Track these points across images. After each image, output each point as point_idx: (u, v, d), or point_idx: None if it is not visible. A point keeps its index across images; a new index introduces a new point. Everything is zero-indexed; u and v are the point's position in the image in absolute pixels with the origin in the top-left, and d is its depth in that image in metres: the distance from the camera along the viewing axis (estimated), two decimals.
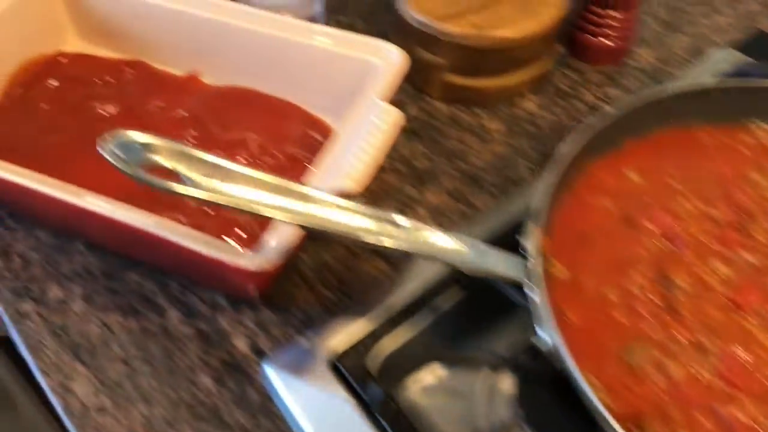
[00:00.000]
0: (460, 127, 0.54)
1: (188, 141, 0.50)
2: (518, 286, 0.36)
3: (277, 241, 0.38)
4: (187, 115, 0.52)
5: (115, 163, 0.30)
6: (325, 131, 0.51)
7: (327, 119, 0.52)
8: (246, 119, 0.52)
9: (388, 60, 0.48)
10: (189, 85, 0.54)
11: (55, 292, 0.44)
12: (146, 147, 0.30)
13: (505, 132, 0.54)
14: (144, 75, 0.55)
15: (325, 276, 0.45)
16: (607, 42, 0.57)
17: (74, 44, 0.57)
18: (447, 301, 0.44)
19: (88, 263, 0.45)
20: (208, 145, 0.50)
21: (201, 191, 0.30)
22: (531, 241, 0.36)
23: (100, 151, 0.30)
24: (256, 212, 0.32)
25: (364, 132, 0.42)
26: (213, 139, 0.50)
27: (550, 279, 0.37)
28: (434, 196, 0.49)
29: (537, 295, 0.35)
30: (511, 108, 0.56)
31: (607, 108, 0.43)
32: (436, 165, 0.51)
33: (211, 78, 0.55)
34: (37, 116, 0.51)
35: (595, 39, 0.57)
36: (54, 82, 0.54)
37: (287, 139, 0.51)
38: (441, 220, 0.48)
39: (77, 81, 0.54)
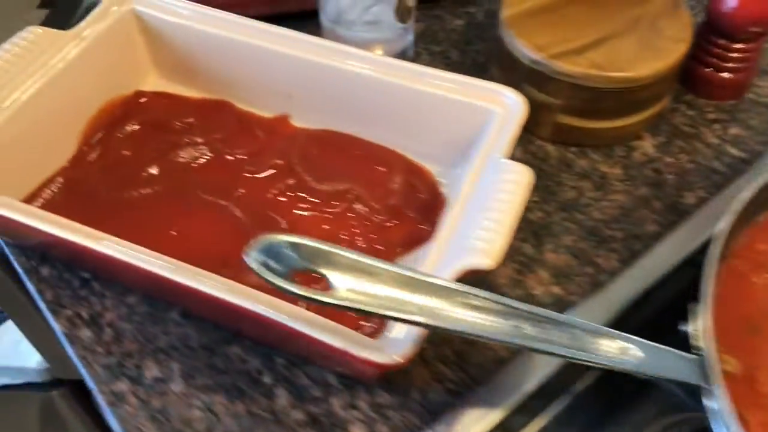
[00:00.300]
0: (573, 173, 0.49)
1: (287, 195, 0.46)
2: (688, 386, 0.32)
3: (408, 329, 0.34)
4: (281, 162, 0.48)
5: (265, 276, 0.26)
6: (430, 182, 0.47)
7: (430, 167, 0.48)
8: (343, 167, 0.48)
9: (507, 108, 0.43)
10: (278, 128, 0.50)
11: (151, 369, 0.40)
12: (296, 249, 0.26)
13: (623, 178, 0.49)
14: (230, 117, 0.51)
15: (442, 351, 0.41)
16: (730, 76, 0.52)
17: (154, 83, 0.53)
18: (582, 382, 0.39)
19: (185, 335, 0.41)
20: (305, 198, 0.46)
21: (368, 305, 0.26)
22: (703, 336, 0.32)
23: (246, 260, 0.26)
24: (443, 329, 0.27)
25: (492, 198, 0.38)
26: (309, 191, 0.46)
27: (723, 377, 0.33)
28: (554, 255, 0.45)
29: (718, 402, 0.30)
30: (627, 150, 0.51)
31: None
32: (552, 217, 0.47)
33: (300, 121, 0.51)
34: (118, 166, 0.48)
35: (717, 73, 0.52)
36: (135, 126, 0.50)
37: (389, 190, 0.46)
38: (566, 284, 0.43)
39: (159, 124, 0.50)
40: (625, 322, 0.42)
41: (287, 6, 0.59)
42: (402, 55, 0.55)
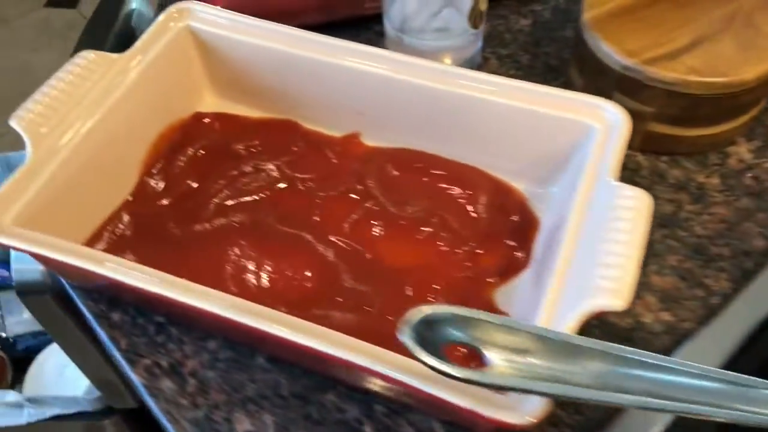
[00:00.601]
0: (668, 184, 0.46)
1: (367, 222, 0.43)
2: None
3: None
4: (358, 186, 0.44)
5: (421, 357, 0.22)
6: (520, 202, 0.44)
7: (517, 185, 0.45)
8: (423, 189, 0.45)
9: (607, 123, 0.40)
10: (350, 148, 0.47)
11: (243, 422, 0.37)
12: (454, 321, 0.23)
13: (722, 188, 0.46)
14: (297, 138, 0.47)
15: None
16: None
17: (211, 103, 0.50)
18: (709, 424, 0.36)
19: (274, 383, 0.38)
20: (386, 224, 0.43)
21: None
22: None
23: (400, 338, 0.23)
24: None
25: (610, 227, 0.34)
26: (390, 217, 0.43)
27: None
28: (660, 277, 0.42)
29: None
30: (721, 157, 0.48)
31: None
32: (653, 234, 0.44)
33: (372, 139, 0.47)
34: (185, 197, 0.45)
35: None
36: (198, 151, 0.47)
37: (477, 213, 0.43)
38: (676, 309, 0.40)
39: (223, 149, 0.47)
40: (744, 354, 0.39)
41: (338, 14, 0.56)
42: (470, 62, 0.52)
